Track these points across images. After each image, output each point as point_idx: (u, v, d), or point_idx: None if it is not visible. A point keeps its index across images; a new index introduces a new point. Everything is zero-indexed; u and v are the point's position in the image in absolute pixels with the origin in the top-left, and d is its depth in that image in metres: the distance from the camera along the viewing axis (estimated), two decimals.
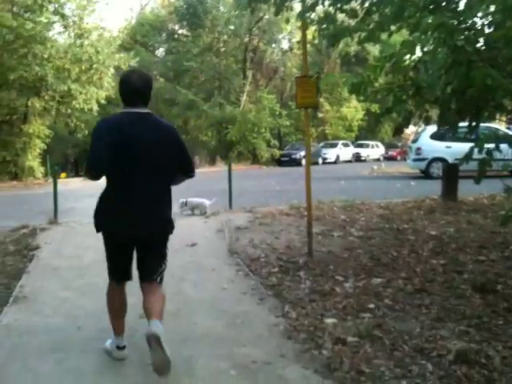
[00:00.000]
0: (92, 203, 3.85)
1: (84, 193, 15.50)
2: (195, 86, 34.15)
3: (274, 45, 36.71)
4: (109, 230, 3.64)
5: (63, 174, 29.17)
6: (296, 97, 6.84)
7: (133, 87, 3.45)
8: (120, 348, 3.79)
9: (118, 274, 3.80)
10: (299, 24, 6.84)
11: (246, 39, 33.56)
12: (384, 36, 5.90)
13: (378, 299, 5.02)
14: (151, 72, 38.40)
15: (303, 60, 7.14)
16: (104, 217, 3.62)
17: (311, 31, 7.46)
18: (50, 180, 20.92)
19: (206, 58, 33.36)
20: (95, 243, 7.05)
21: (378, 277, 5.78)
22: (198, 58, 33.15)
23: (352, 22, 6.09)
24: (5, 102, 19.10)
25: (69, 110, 20.08)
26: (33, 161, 20.44)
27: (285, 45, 38.43)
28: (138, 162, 3.44)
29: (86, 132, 21.05)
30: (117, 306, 3.78)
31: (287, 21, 18.67)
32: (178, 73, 35.30)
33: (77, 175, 23.36)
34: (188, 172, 3.85)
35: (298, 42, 36.18)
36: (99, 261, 5.72)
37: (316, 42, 35.52)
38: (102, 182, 3.64)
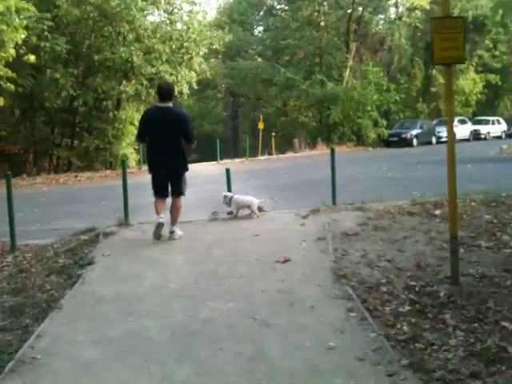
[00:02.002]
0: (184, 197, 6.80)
1: None
2: (294, 63, 31.99)
3: (380, 14, 33.55)
4: (152, 169, 6.70)
5: None
6: (432, 48, 4.61)
7: (162, 91, 6.56)
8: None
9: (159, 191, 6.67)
10: None
11: (349, 10, 30.74)
12: None
13: None
14: (248, 51, 36.92)
15: None
16: (149, 163, 6.76)
17: None
18: (144, 169, 20.11)
19: (306, 32, 30.97)
20: (162, 255, 5.49)
21: None
22: (296, 34, 30.92)
23: None
24: (92, 86, 18.29)
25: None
26: (126, 149, 19.60)
27: (392, 13, 35.08)
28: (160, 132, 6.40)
29: None
30: (158, 209, 6.63)
31: None
32: (276, 51, 33.35)
33: None
34: (187, 140, 6.55)
35: (409, 9, 32.84)
36: (160, 286, 4.96)
37: (428, 7, 32.10)
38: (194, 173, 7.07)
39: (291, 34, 31.31)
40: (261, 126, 27.08)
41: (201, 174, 16.82)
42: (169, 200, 6.84)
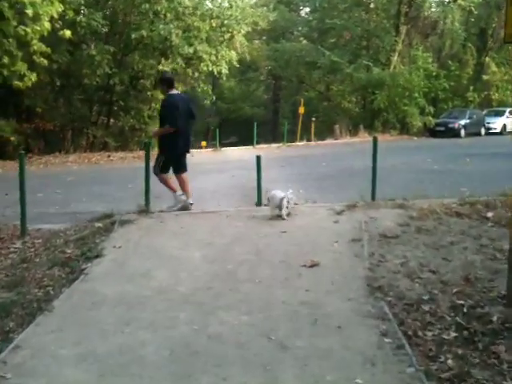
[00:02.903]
0: (212, 182, 8.61)
1: (206, 167, 13.66)
2: (340, 46, 30.81)
3: None
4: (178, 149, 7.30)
5: (203, 143, 28.23)
6: (505, 23, 3.81)
7: (173, 79, 7.48)
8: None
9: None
10: None
11: None
12: None
13: None
14: (293, 33, 35.87)
15: None
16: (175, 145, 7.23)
17: None
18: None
19: (354, 14, 29.72)
20: (178, 250, 4.98)
21: None
22: (344, 15, 29.69)
23: None
24: (129, 65, 17.75)
25: (196, 74, 18.28)
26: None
27: None
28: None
29: (214, 98, 19.26)
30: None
31: None
32: (322, 33, 32.22)
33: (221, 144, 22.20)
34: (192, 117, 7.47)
35: None
36: (168, 289, 4.42)
37: None
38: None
39: (339, 15, 30.10)
40: (301, 110, 26.24)
41: (233, 158, 16.27)
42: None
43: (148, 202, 7.28)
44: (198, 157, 17.91)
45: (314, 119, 26.89)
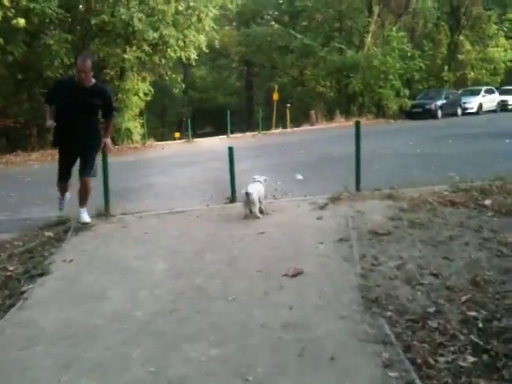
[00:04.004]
0: (183, 177, 6.49)
1: (176, 160, 12.86)
2: (312, 29, 30.06)
3: None
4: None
5: (177, 134, 27.37)
6: None
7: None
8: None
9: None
10: None
11: None
12: None
13: None
14: (263, 17, 34.96)
15: None
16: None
17: None
18: (149, 143, 18.77)
19: None
20: (139, 261, 4.26)
21: None
22: None
23: None
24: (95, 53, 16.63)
25: (163, 60, 17.32)
26: (129, 122, 18.17)
27: None
28: None
29: (183, 86, 18.41)
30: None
31: None
32: (293, 16, 31.41)
33: (195, 135, 21.02)
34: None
35: None
36: (123, 314, 3.63)
37: None
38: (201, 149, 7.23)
39: None
40: (275, 96, 25.50)
41: (206, 149, 15.50)
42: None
43: (108, 204, 6.50)
44: (169, 149, 17.14)
45: (288, 105, 26.16)
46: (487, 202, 5.79)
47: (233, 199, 6.82)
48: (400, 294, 3.73)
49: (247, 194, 5.72)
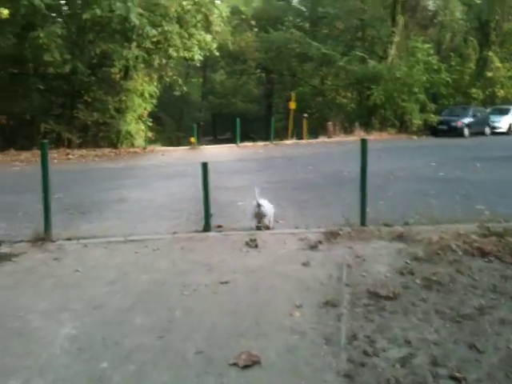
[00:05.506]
0: (165, 191, 6.29)
1: (170, 170, 11.60)
2: (333, 37, 28.70)
3: None
4: None
5: (193, 139, 26.31)
6: None
7: None
8: None
9: None
10: None
11: None
12: None
13: None
14: (284, 23, 33.61)
15: None
16: None
17: None
18: (150, 148, 17.56)
19: (348, 2, 27.59)
20: (43, 322, 3.15)
21: None
22: (337, 3, 27.54)
23: None
24: (86, 50, 15.31)
25: (163, 60, 16.11)
26: (131, 125, 16.99)
27: None
28: None
29: (185, 89, 17.20)
30: None
31: None
32: (314, 23, 30.09)
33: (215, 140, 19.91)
34: None
35: None
36: None
37: None
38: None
39: (331, 3, 27.99)
40: (292, 105, 24.17)
41: (207, 159, 14.14)
42: None
43: (48, 226, 5.23)
44: (170, 156, 15.90)
45: (305, 115, 24.76)
46: None
47: (206, 227, 5.51)
48: None
49: (259, 205, 5.47)
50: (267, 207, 5.56)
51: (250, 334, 3.09)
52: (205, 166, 5.55)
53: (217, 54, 17.52)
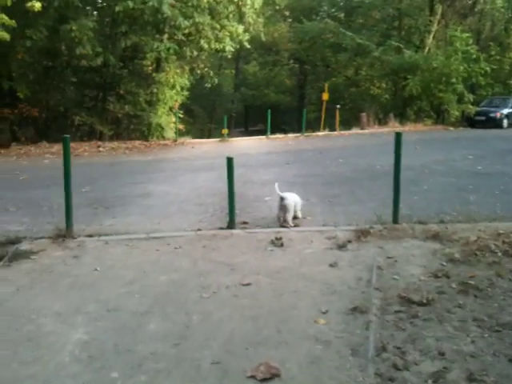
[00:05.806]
0: (191, 186, 6.26)
1: (196, 163, 11.45)
2: (368, 27, 27.97)
3: None
4: None
5: (224, 131, 26.25)
6: None
7: None
8: None
9: None
10: None
11: None
12: None
13: None
14: (318, 14, 33.02)
15: None
16: None
17: None
18: (181, 141, 17.45)
19: None
20: (54, 325, 3.10)
21: None
22: None
23: None
24: (118, 43, 15.31)
25: (195, 52, 15.93)
26: (162, 117, 16.92)
27: None
28: None
29: (216, 81, 16.98)
30: None
31: None
32: (349, 12, 29.39)
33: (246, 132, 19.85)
34: None
35: None
36: None
37: None
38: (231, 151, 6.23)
39: None
40: (325, 96, 23.68)
41: (236, 152, 13.93)
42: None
43: (69, 223, 5.13)
44: (199, 148, 15.76)
45: (338, 106, 24.28)
46: None
47: (231, 224, 5.32)
48: None
49: (282, 199, 5.37)
50: (291, 199, 5.43)
51: (270, 343, 2.89)
52: (230, 161, 5.33)
53: (248, 46, 17.26)
